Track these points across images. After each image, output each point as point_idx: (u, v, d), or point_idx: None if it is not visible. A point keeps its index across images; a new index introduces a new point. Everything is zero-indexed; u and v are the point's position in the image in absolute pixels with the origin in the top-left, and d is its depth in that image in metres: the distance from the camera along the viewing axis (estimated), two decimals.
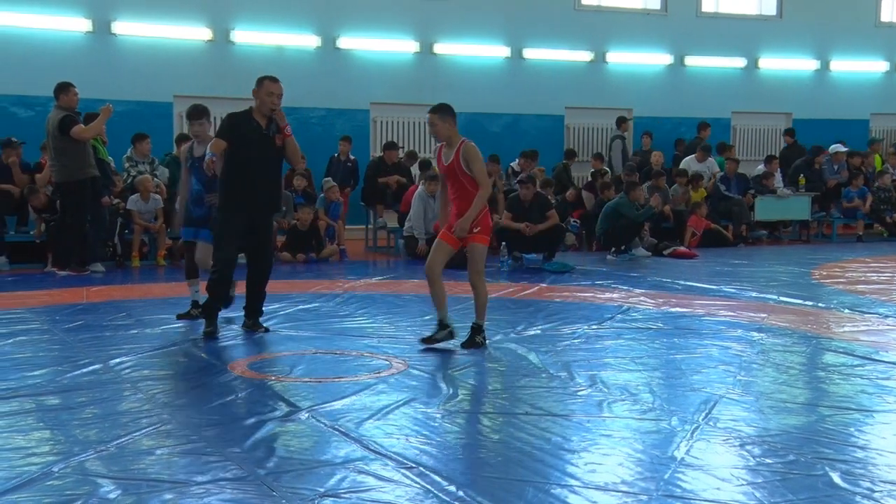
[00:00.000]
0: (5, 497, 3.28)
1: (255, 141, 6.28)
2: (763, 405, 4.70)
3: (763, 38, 17.30)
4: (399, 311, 7.35)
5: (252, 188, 6.28)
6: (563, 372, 5.34)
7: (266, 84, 6.36)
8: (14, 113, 12.51)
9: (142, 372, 5.27)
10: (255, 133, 6.30)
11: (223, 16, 13.73)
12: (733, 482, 3.55)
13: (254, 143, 6.28)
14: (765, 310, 7.63)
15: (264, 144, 6.32)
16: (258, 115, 6.35)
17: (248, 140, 6.26)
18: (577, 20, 16.05)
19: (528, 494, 3.38)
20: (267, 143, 6.33)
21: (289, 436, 4.08)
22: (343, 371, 5.36)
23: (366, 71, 14.57)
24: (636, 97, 16.40)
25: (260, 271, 6.60)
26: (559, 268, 10.36)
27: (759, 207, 14.40)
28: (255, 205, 6.37)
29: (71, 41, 12.88)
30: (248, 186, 6.28)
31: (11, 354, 5.64)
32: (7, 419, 4.32)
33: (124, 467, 3.63)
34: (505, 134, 15.53)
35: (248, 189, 6.28)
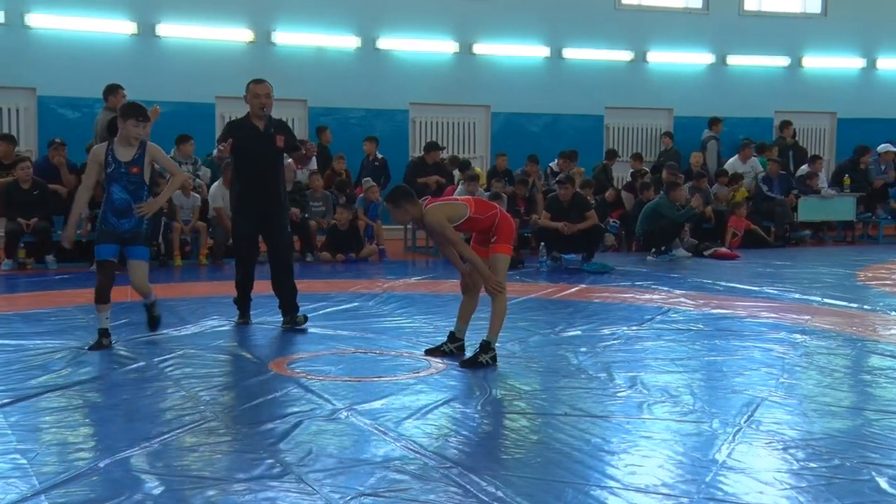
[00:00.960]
0: (54, 491, 3.34)
1: (255, 144, 6.54)
2: (807, 408, 4.64)
3: (807, 36, 17.06)
4: (438, 311, 7.36)
5: (259, 189, 6.57)
6: (603, 373, 5.31)
7: (251, 87, 6.61)
8: (62, 114, 12.76)
9: (184, 370, 5.34)
10: (254, 136, 6.55)
11: (264, 17, 13.87)
12: (776, 486, 3.50)
13: (255, 147, 6.54)
14: (808, 312, 7.53)
15: (265, 145, 6.57)
16: (254, 119, 6.60)
17: (249, 144, 6.52)
18: (617, 19, 15.96)
19: (567, 496, 3.37)
20: (267, 144, 6.57)
21: (328, 435, 4.11)
22: (382, 371, 5.38)
23: (405, 71, 14.63)
24: (677, 97, 16.27)
25: (280, 267, 6.73)
26: (598, 268, 10.31)
27: (802, 208, 14.20)
28: (263, 203, 6.60)
29: (117, 43, 13.10)
30: (256, 188, 6.57)
31: (59, 351, 5.75)
32: (56, 415, 4.41)
33: (168, 464, 3.69)
34: (544, 134, 15.49)
35: (256, 190, 6.57)
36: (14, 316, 6.98)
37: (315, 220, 11.50)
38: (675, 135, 16.32)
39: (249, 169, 6.59)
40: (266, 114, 6.60)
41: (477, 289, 5.74)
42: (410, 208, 5.48)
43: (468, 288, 5.76)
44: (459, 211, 5.48)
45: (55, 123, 12.54)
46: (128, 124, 5.73)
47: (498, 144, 14.96)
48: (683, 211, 11.86)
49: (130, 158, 5.77)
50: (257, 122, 6.59)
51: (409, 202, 5.49)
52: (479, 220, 5.53)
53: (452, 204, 5.60)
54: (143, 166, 5.80)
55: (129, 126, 5.73)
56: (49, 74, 12.66)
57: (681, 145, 16.17)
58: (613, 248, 12.73)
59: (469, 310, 5.79)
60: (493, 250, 5.54)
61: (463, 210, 5.48)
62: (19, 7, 12.59)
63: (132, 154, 5.78)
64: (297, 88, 13.98)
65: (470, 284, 5.73)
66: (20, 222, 9.95)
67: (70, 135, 11.63)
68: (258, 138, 6.55)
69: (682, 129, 16.35)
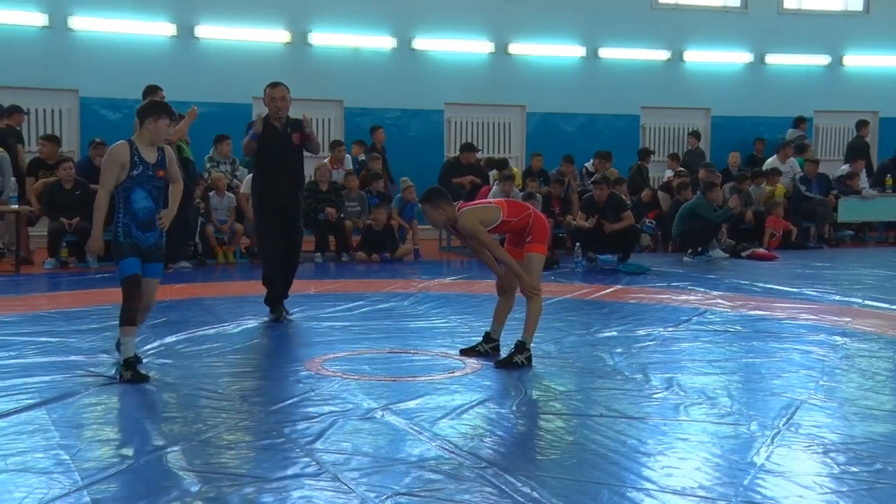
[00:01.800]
0: (95, 486, 3.40)
1: (276, 144, 6.91)
2: (847, 411, 4.57)
3: (848, 34, 16.81)
4: (473, 311, 7.36)
5: (279, 186, 6.91)
6: (639, 374, 5.28)
7: (267, 91, 7.01)
8: (103, 115, 12.96)
9: (221, 368, 5.40)
10: (274, 137, 6.90)
11: (301, 18, 13.97)
12: (816, 490, 3.46)
13: (275, 146, 6.91)
14: (849, 314, 7.42)
15: (284, 145, 6.93)
16: (273, 120, 6.95)
17: (270, 144, 6.89)
18: (653, 19, 15.85)
19: (603, 497, 3.36)
20: (286, 143, 6.94)
21: (364, 434, 4.13)
22: (418, 370, 5.40)
23: (441, 72, 14.65)
24: (714, 96, 16.13)
25: (290, 264, 7.07)
26: (634, 269, 10.25)
27: (842, 208, 14.00)
28: (284, 200, 6.94)
29: (156, 45, 13.27)
30: (276, 185, 6.91)
31: (100, 350, 5.84)
32: (97, 412, 4.48)
33: (205, 461, 3.73)
34: (580, 134, 15.43)
35: (277, 187, 6.91)
36: (56, 314, 7.10)
37: (350, 219, 11.56)
38: (713, 135, 16.18)
39: (270, 167, 6.93)
40: (282, 116, 6.95)
41: (513, 290, 5.72)
42: (447, 209, 5.47)
43: (504, 289, 5.75)
44: (492, 215, 5.46)
45: (97, 124, 12.74)
46: (160, 123, 5.12)
47: (533, 144, 14.92)
48: (721, 212, 11.75)
49: (156, 160, 5.17)
50: (275, 122, 6.94)
51: (447, 203, 5.48)
52: (513, 223, 5.52)
53: (485, 208, 5.57)
54: (166, 169, 5.24)
55: (161, 126, 5.12)
56: (91, 76, 12.86)
57: (718, 146, 16.05)
58: (649, 248, 12.65)
59: (505, 310, 5.78)
60: (527, 250, 5.52)
61: (496, 214, 5.47)
62: (63, 10, 12.80)
63: (156, 156, 5.18)
64: (333, 89, 14.07)
65: (506, 286, 5.73)
66: (62, 222, 10.12)
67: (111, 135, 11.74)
68: (277, 138, 6.90)
69: (719, 130, 16.20)
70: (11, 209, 10.30)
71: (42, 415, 4.33)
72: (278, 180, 6.92)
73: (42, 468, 3.59)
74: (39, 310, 7.28)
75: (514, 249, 5.60)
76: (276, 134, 6.91)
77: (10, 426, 4.15)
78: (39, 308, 7.36)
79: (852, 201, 14.09)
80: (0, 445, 3.86)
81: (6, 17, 12.55)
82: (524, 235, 5.57)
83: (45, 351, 5.76)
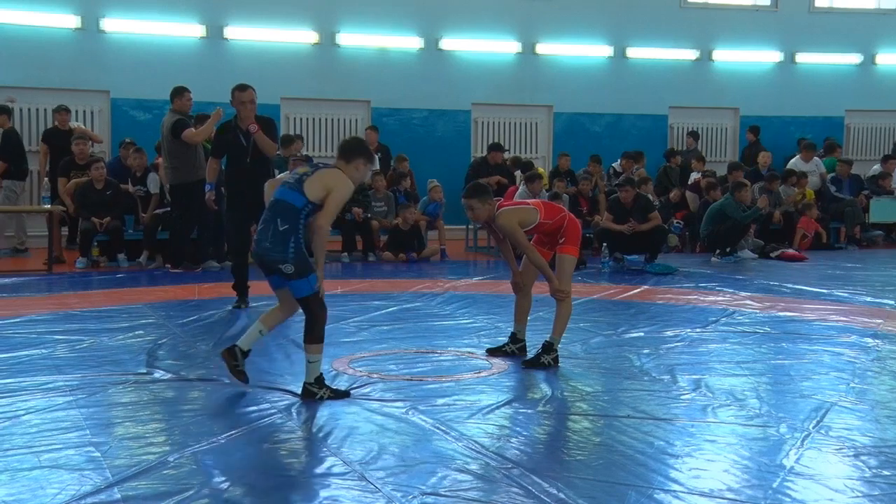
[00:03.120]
0: (125, 484, 3.44)
1: (241, 143, 7.35)
2: (879, 414, 4.52)
3: (881, 32, 16.60)
4: (500, 311, 7.35)
5: (248, 184, 7.21)
6: (666, 375, 5.26)
7: (236, 94, 7.38)
8: (133, 116, 13.09)
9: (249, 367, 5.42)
10: (240, 137, 7.36)
11: (329, 19, 14.03)
12: (847, 493, 3.42)
13: (241, 146, 7.34)
14: (880, 315, 7.33)
15: (249, 144, 7.34)
16: (241, 122, 7.38)
17: (237, 145, 7.37)
18: (682, 18, 15.74)
19: (630, 498, 3.35)
20: (250, 143, 7.35)
21: (391, 433, 4.14)
22: (444, 370, 5.40)
23: (468, 72, 14.64)
24: (743, 96, 16.00)
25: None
26: (662, 269, 10.19)
27: (874, 209, 13.83)
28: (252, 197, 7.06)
29: (186, 46, 13.38)
30: (244, 184, 7.26)
31: (131, 348, 5.91)
32: (128, 409, 4.53)
33: (234, 459, 3.76)
34: (607, 134, 15.37)
35: (245, 186, 7.25)
36: (88, 312, 7.18)
37: (377, 219, 11.60)
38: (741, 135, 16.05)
39: (239, 167, 7.38)
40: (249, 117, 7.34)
41: (529, 287, 5.76)
42: (491, 204, 5.47)
43: (519, 286, 5.77)
44: (531, 216, 5.48)
45: (127, 125, 12.87)
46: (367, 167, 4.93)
47: (560, 145, 14.88)
48: (749, 212, 11.66)
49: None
50: (241, 124, 7.36)
51: (491, 199, 5.50)
52: (548, 225, 5.54)
53: (525, 209, 5.56)
54: None
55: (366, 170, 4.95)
56: (122, 77, 12.99)
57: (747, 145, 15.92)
58: (677, 248, 12.57)
59: (524, 308, 5.80)
60: (560, 251, 5.54)
61: (534, 215, 5.49)
62: (94, 12, 12.94)
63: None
64: (361, 89, 14.11)
65: (521, 283, 5.75)
66: (94, 221, 10.23)
67: (141, 135, 11.93)
68: (242, 138, 7.35)
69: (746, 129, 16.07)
70: (44, 209, 10.44)
71: (74, 412, 4.39)
72: (248, 177, 7.27)
73: (74, 465, 3.64)
74: (71, 308, 7.37)
75: (541, 249, 5.61)
76: (244, 134, 7.32)
77: (42, 423, 4.21)
78: (71, 307, 7.46)
79: (884, 201, 13.91)
80: (33, 442, 3.92)
81: (39, 19, 12.71)
82: (556, 237, 5.58)
83: (77, 349, 5.83)
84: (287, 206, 4.63)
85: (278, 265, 4.63)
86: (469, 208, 5.49)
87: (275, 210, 4.66)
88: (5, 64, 12.47)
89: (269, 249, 4.64)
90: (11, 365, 5.35)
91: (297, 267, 4.62)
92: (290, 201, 4.63)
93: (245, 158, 7.35)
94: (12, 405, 4.49)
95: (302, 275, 4.64)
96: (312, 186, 4.61)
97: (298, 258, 4.62)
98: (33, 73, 12.61)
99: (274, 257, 4.62)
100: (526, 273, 5.70)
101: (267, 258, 4.66)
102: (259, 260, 4.76)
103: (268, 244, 4.64)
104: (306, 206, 4.62)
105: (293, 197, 4.63)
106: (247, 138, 7.35)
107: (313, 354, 4.72)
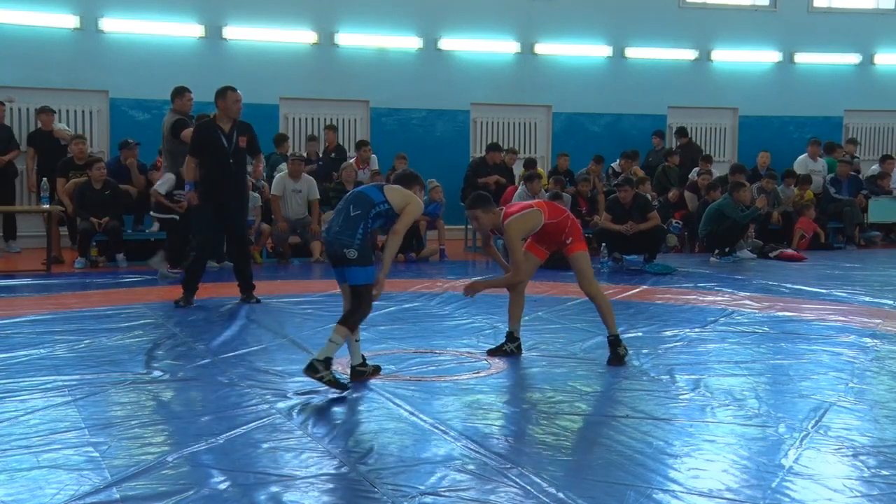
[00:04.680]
0: (124, 484, 3.44)
1: (222, 144, 7.44)
2: (878, 414, 4.53)
3: (879, 32, 16.62)
4: (499, 311, 7.34)
5: (222, 184, 7.43)
6: (665, 375, 5.26)
7: (230, 94, 7.50)
8: (133, 116, 13.08)
9: (249, 368, 5.43)
10: (222, 137, 7.45)
11: (327, 19, 14.02)
12: (846, 493, 3.42)
13: (221, 146, 7.43)
14: (879, 315, 7.33)
15: (230, 146, 7.46)
16: (222, 122, 7.48)
17: (217, 144, 7.44)
18: (681, 18, 15.75)
19: (629, 498, 3.35)
20: (231, 144, 7.47)
21: (390, 433, 4.14)
22: (443, 370, 5.40)
23: (467, 72, 14.64)
24: (742, 96, 16.01)
25: (239, 254, 7.80)
26: (661, 269, 10.19)
27: (872, 209, 13.85)
28: (226, 196, 7.47)
29: (185, 46, 13.37)
30: (219, 183, 7.44)
31: (129, 348, 5.90)
32: (126, 409, 4.53)
33: (233, 459, 3.76)
34: (606, 134, 15.37)
35: (219, 185, 7.44)
36: (87, 312, 7.18)
37: None
38: (740, 134, 16.06)
39: (214, 165, 7.45)
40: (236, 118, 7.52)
41: (523, 286, 5.79)
42: (497, 214, 5.55)
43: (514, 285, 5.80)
44: (535, 221, 5.56)
45: (126, 125, 12.87)
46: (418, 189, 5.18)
47: (559, 144, 14.88)
48: (748, 212, 11.66)
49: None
50: (223, 124, 7.47)
51: (494, 208, 5.60)
52: (553, 225, 5.59)
53: (530, 214, 5.58)
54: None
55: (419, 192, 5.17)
56: (120, 77, 12.97)
57: (746, 145, 15.94)
58: (676, 248, 12.57)
59: (519, 307, 5.83)
60: (571, 251, 5.61)
61: (538, 219, 5.56)
62: (93, 12, 12.93)
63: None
64: (360, 89, 14.11)
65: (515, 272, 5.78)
66: (92, 221, 10.23)
67: (140, 136, 11.92)
68: (224, 138, 7.44)
69: (747, 129, 16.09)
70: (43, 209, 10.43)
71: (73, 412, 4.39)
72: (223, 177, 7.42)
73: (72, 465, 3.64)
74: (70, 309, 7.37)
75: (538, 249, 5.68)
76: (223, 134, 7.42)
77: (41, 423, 4.21)
78: (70, 307, 7.45)
79: (883, 201, 13.92)
80: (32, 442, 3.92)
81: (38, 19, 12.70)
82: (557, 237, 5.63)
83: (76, 349, 5.83)
84: (365, 197, 4.97)
85: (343, 248, 4.86)
86: (473, 219, 5.60)
87: (350, 200, 4.99)
88: (4, 64, 12.46)
89: (338, 233, 4.90)
90: (10, 365, 5.35)
91: (360, 253, 4.87)
92: (369, 195, 4.98)
93: (226, 159, 7.44)
94: (11, 405, 4.48)
95: (362, 263, 4.88)
96: (392, 193, 5.00)
97: (363, 246, 4.89)
98: (32, 72, 12.60)
99: (342, 240, 4.87)
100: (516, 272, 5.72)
101: (335, 242, 4.91)
102: (329, 247, 5.01)
103: (337, 228, 4.91)
104: (383, 203, 4.95)
105: (373, 192, 5.00)
106: (228, 139, 7.43)
107: (338, 336, 4.85)
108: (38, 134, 11.77)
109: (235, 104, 7.48)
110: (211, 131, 7.49)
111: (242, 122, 7.66)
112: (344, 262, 4.90)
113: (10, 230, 11.78)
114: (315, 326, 6.76)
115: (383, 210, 4.96)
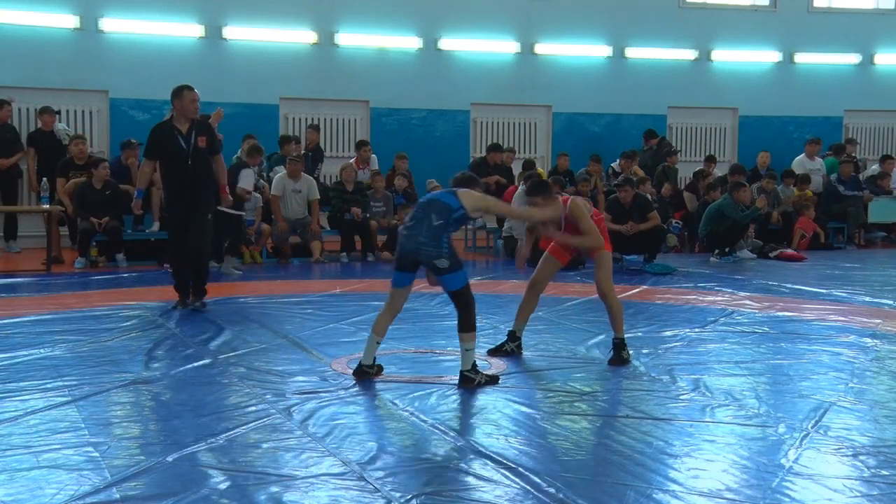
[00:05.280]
0: (123, 484, 3.43)
1: (180, 146, 7.19)
2: (878, 414, 4.53)
3: (879, 32, 16.63)
4: (498, 312, 7.35)
5: (184, 186, 7.22)
6: (665, 375, 5.26)
7: (186, 94, 7.22)
8: (132, 116, 13.08)
9: (248, 367, 5.43)
10: (179, 138, 7.20)
11: (327, 19, 14.02)
12: (846, 493, 3.43)
13: (180, 148, 7.18)
14: (879, 315, 7.33)
15: (188, 146, 7.21)
16: (179, 123, 7.24)
17: (175, 146, 7.19)
18: (681, 18, 15.75)
19: (629, 498, 3.35)
20: (190, 145, 7.22)
21: (390, 433, 4.14)
22: (443, 370, 5.40)
23: (466, 72, 14.65)
24: (742, 96, 16.01)
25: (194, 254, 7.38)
26: (661, 269, 10.19)
27: (873, 209, 13.85)
28: (189, 198, 7.24)
29: (185, 46, 13.37)
30: (181, 185, 7.23)
31: (129, 348, 5.90)
32: (126, 409, 4.53)
33: (233, 459, 3.76)
34: (606, 134, 15.37)
35: (181, 187, 7.24)
36: (87, 312, 7.18)
37: (376, 219, 11.59)
38: (740, 135, 16.06)
39: (175, 168, 7.24)
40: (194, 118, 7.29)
41: (542, 286, 5.84)
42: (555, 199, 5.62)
43: (535, 283, 5.82)
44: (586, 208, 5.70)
45: (126, 125, 12.86)
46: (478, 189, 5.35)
47: (559, 145, 14.88)
48: (748, 212, 11.66)
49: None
50: (180, 125, 7.22)
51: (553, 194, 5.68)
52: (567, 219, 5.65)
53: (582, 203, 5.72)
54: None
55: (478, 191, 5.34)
56: (120, 77, 12.97)
57: (746, 145, 15.94)
58: (676, 249, 12.57)
59: (529, 308, 5.86)
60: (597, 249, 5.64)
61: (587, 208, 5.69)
62: (93, 12, 12.93)
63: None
64: (360, 89, 14.11)
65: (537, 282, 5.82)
66: (93, 221, 10.23)
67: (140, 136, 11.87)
68: (182, 140, 7.20)
69: (747, 129, 16.09)
70: (43, 209, 10.43)
71: (73, 412, 4.39)
72: (184, 178, 7.21)
73: (73, 465, 3.64)
74: (70, 308, 7.37)
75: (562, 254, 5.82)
76: (181, 135, 7.20)
77: (41, 423, 4.21)
78: (70, 307, 7.45)
79: (883, 202, 13.92)
80: (32, 442, 3.92)
81: (38, 19, 12.70)
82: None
83: (76, 349, 5.82)
84: (443, 205, 5.00)
85: (433, 260, 4.92)
86: (535, 205, 5.61)
87: (428, 208, 5.00)
88: (4, 64, 12.45)
89: (423, 244, 4.92)
90: (10, 365, 5.35)
91: (451, 261, 4.94)
92: (447, 202, 5.01)
93: (186, 160, 7.20)
94: (11, 406, 4.48)
95: (454, 269, 4.96)
96: (466, 198, 5.05)
97: (451, 253, 4.95)
98: (32, 72, 12.59)
99: (430, 252, 4.91)
100: (542, 273, 5.82)
101: (421, 253, 4.94)
102: (408, 254, 5.00)
103: (422, 238, 4.92)
104: (460, 209, 5.00)
105: (449, 199, 5.03)
106: (186, 140, 7.20)
107: (468, 343, 4.97)
108: (38, 134, 11.77)
109: (192, 104, 7.22)
110: (167, 133, 7.22)
111: (201, 122, 7.46)
112: (436, 271, 4.99)
113: (11, 230, 11.78)
114: (315, 326, 6.76)
115: (459, 216, 5.04)
